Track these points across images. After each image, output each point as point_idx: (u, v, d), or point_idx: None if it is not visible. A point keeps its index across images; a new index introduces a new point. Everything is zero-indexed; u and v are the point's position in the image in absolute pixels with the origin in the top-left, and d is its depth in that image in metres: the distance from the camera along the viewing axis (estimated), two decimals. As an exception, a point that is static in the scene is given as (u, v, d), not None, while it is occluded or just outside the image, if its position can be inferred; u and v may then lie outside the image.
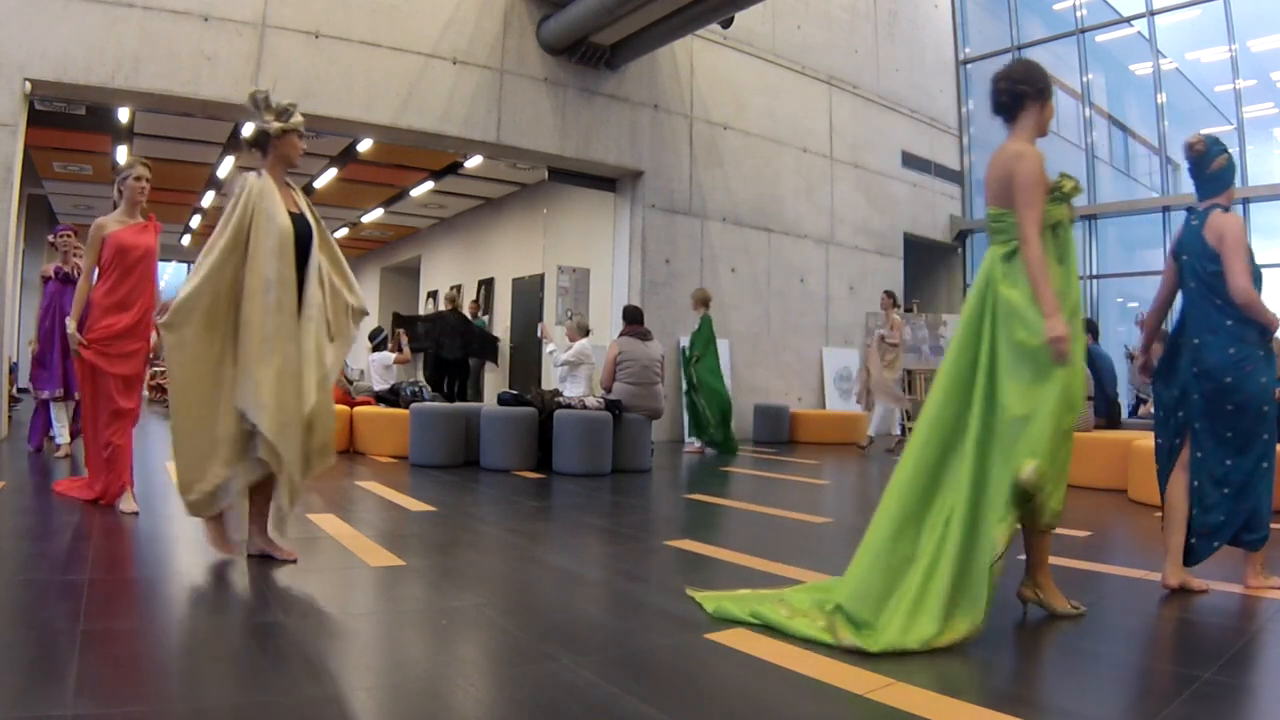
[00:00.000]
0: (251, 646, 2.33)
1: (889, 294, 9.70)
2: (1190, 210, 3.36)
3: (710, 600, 2.81)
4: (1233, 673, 2.39)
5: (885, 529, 2.63)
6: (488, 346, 10.15)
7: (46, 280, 6.38)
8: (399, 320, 11.45)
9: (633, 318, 7.54)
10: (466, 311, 12.44)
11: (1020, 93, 2.83)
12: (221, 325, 3.14)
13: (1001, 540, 2.54)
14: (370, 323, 14.59)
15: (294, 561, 3.25)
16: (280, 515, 3.21)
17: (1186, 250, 3.25)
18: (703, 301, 9.08)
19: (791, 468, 7.76)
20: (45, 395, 6.24)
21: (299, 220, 3.27)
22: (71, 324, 4.21)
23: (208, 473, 3.10)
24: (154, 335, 4.22)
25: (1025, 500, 2.62)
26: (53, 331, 6.22)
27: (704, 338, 9.01)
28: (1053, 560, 3.77)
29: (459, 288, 11.19)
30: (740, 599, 2.81)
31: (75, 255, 6.34)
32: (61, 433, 6.29)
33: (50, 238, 6.67)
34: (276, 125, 3.30)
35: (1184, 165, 3.45)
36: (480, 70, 9.00)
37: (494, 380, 13.12)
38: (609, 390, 7.17)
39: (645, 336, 7.39)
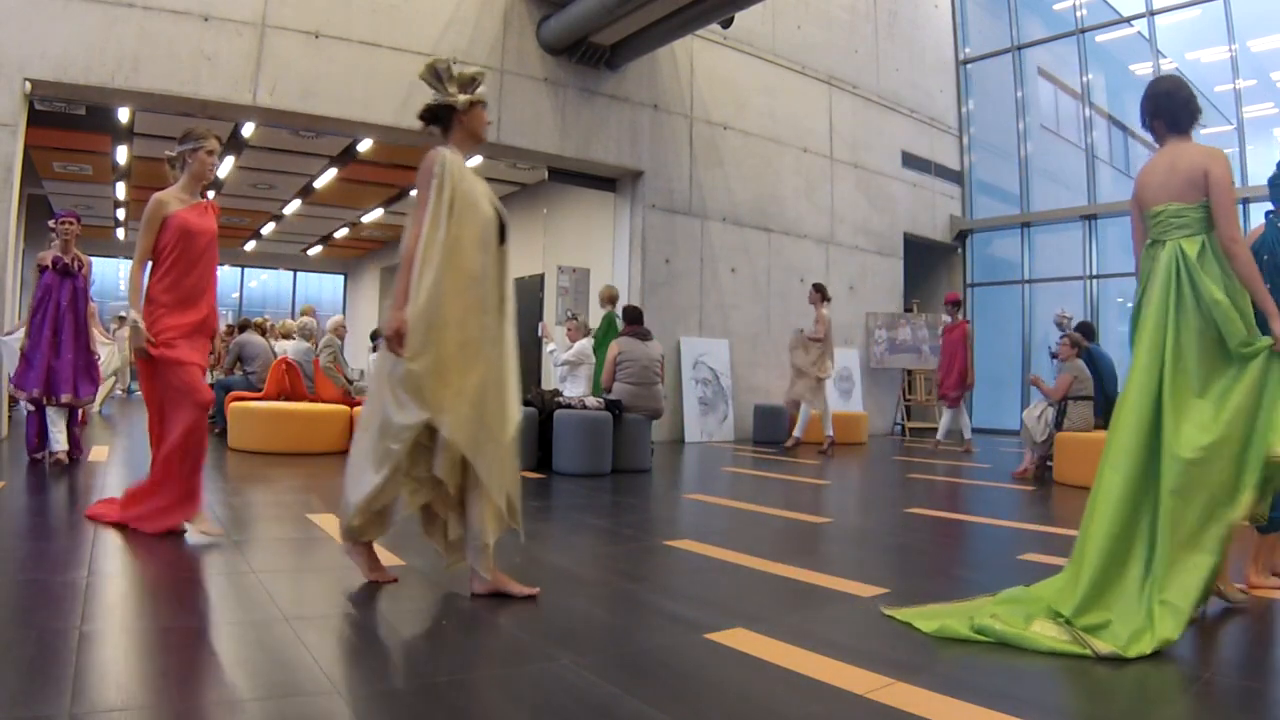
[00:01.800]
0: (252, 646, 2.33)
1: (817, 287, 9.35)
2: (1271, 211, 3.45)
3: (924, 619, 2.68)
4: (1234, 672, 2.39)
5: (1104, 539, 2.63)
6: None
7: (42, 270, 5.74)
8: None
9: (633, 318, 7.54)
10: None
11: (1197, 106, 2.98)
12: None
13: (1237, 524, 2.64)
14: (370, 323, 14.62)
15: (533, 597, 2.87)
16: (481, 549, 2.81)
17: (1269, 250, 3.30)
18: (609, 299, 9.06)
19: (791, 468, 7.76)
20: (24, 395, 5.61)
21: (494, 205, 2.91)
22: (136, 315, 3.61)
23: (380, 490, 2.78)
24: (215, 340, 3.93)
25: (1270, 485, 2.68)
26: (43, 327, 5.62)
27: (602, 338, 8.94)
28: (1052, 560, 3.78)
29: None
30: (950, 613, 2.73)
31: (76, 245, 5.84)
32: (57, 437, 5.62)
33: (50, 223, 5.97)
34: (463, 98, 2.96)
35: None
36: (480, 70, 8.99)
37: None
38: (609, 390, 7.17)
39: (645, 336, 7.39)
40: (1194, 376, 2.69)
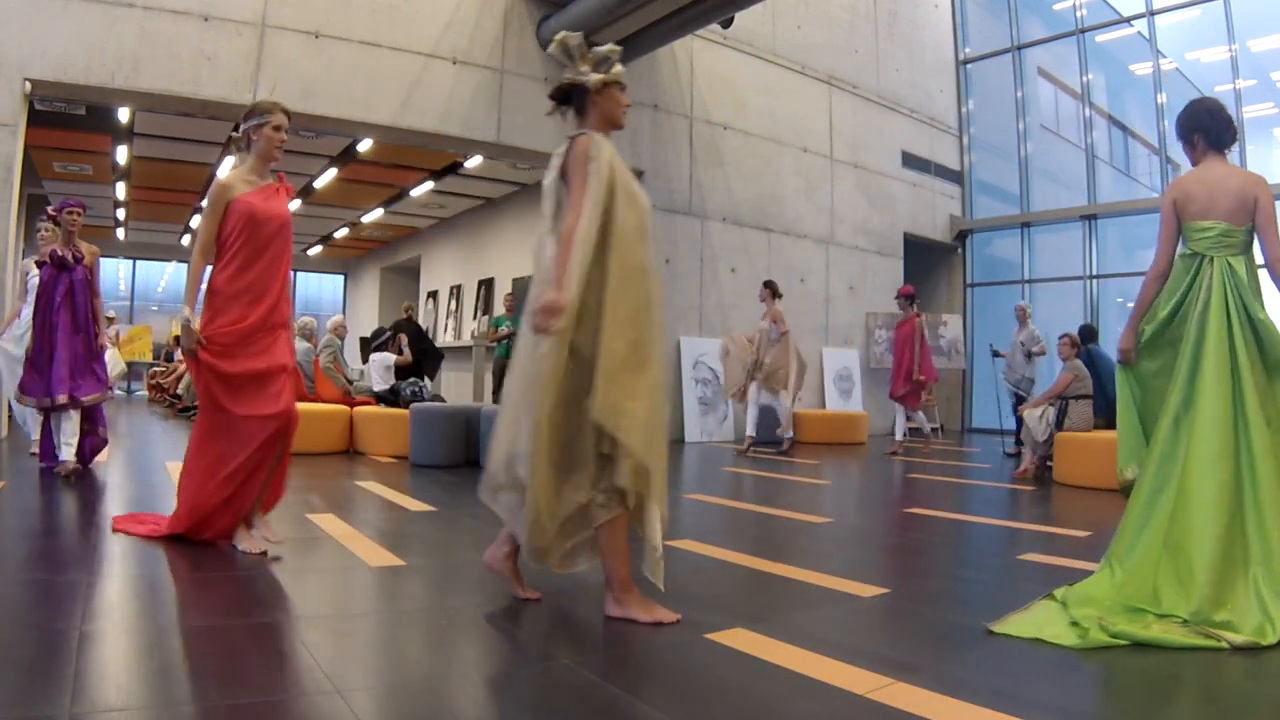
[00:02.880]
0: (252, 646, 2.33)
1: (767, 284, 9.13)
2: None
3: (1034, 630, 2.65)
4: (1233, 671, 2.39)
5: (1213, 542, 2.69)
6: (430, 358, 10.11)
7: (40, 265, 5.36)
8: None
9: None
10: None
11: (1236, 129, 3.08)
12: (591, 321, 2.57)
13: None
14: (370, 323, 14.57)
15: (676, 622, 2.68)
16: (655, 555, 2.67)
17: None
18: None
19: (791, 467, 7.76)
20: (32, 404, 5.24)
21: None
22: (188, 311, 3.31)
23: (561, 504, 2.61)
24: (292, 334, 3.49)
25: None
26: (44, 327, 5.26)
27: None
28: (1052, 560, 3.78)
29: (410, 306, 11.55)
30: (1049, 622, 2.72)
31: (77, 237, 5.46)
32: (69, 442, 5.21)
33: (51, 209, 5.50)
34: (596, 78, 2.77)
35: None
36: (480, 70, 9.00)
37: (457, 380, 13.08)
38: None
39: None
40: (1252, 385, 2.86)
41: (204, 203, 3.29)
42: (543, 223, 2.75)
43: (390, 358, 8.71)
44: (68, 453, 5.18)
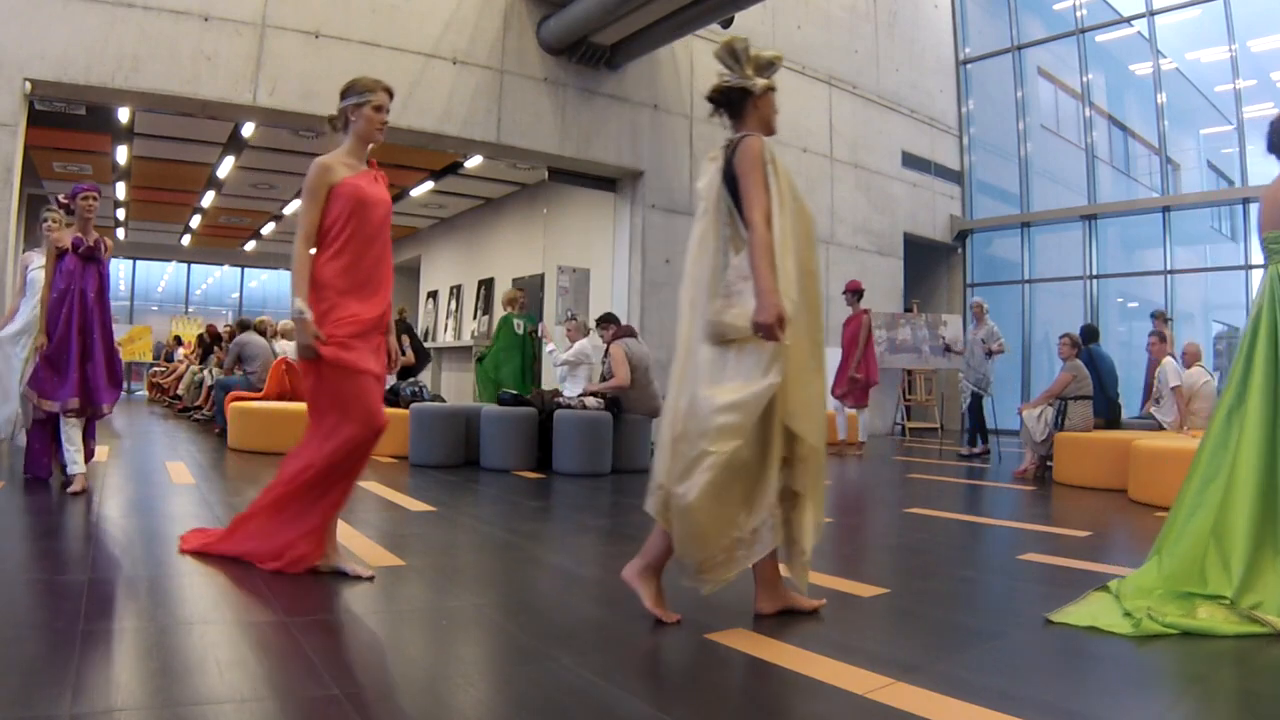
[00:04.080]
0: (252, 646, 2.33)
1: None
2: None
3: (1089, 619, 2.76)
4: (1234, 672, 2.39)
5: (1250, 525, 2.83)
6: (420, 360, 10.12)
7: (61, 255, 4.79)
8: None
9: (619, 321, 7.52)
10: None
11: None
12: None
13: None
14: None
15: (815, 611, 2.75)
16: (804, 560, 2.66)
17: None
18: (509, 302, 9.08)
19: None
20: (58, 407, 4.66)
21: None
22: (301, 304, 2.94)
23: (740, 517, 2.54)
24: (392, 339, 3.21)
25: None
26: (70, 323, 4.70)
27: (499, 339, 8.90)
28: (1052, 560, 3.78)
29: (404, 309, 11.59)
30: (1106, 611, 2.83)
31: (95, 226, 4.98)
32: (75, 458, 4.73)
33: (63, 197, 5.00)
34: (761, 82, 2.74)
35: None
36: (480, 70, 9.00)
37: (457, 380, 13.08)
38: (619, 387, 7.03)
39: (637, 337, 7.41)
40: None
41: (304, 187, 3.03)
42: (698, 223, 2.73)
43: (390, 358, 8.69)
44: (78, 465, 4.71)
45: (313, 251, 3.06)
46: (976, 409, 9.10)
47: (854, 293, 9.51)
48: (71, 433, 4.73)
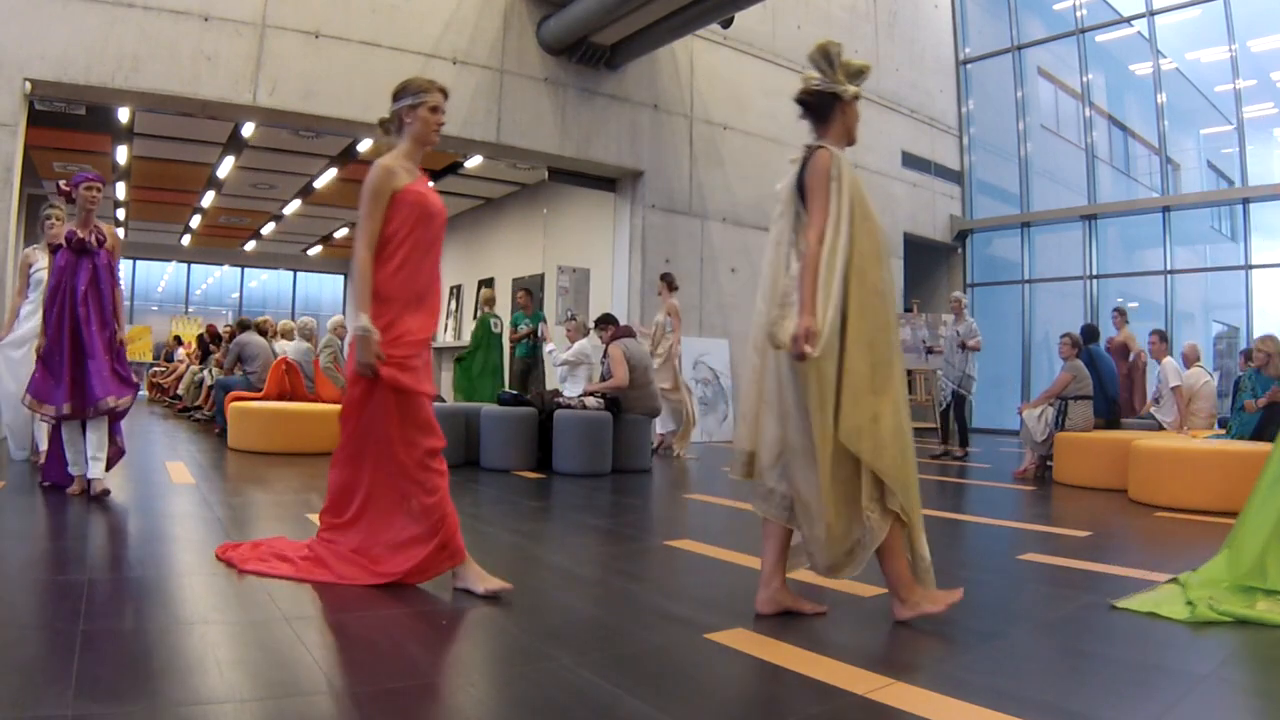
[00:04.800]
0: (252, 646, 2.33)
1: (664, 277, 8.76)
2: None
3: (1153, 606, 2.87)
4: (1233, 671, 2.39)
5: None
6: None
7: (55, 250, 4.52)
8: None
9: (618, 322, 7.52)
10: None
11: None
12: (834, 342, 2.56)
13: None
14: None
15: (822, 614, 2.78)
16: (925, 565, 2.72)
17: None
18: (487, 302, 9.19)
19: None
20: (53, 412, 4.43)
21: None
22: (368, 321, 2.81)
23: (851, 525, 2.62)
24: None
25: None
26: (62, 322, 4.41)
27: (476, 339, 8.97)
28: (1052, 560, 3.78)
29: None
30: (1169, 599, 2.93)
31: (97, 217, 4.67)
32: (92, 465, 4.40)
33: (64, 184, 4.64)
34: (852, 89, 2.74)
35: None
36: (480, 70, 9.00)
37: (450, 381, 13.10)
38: (619, 387, 7.03)
39: (635, 337, 7.41)
40: None
41: (364, 191, 2.90)
42: (774, 225, 2.78)
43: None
44: (96, 468, 4.40)
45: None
46: (959, 409, 8.85)
47: None
48: (90, 436, 4.43)
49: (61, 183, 4.65)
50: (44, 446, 4.85)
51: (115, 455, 4.65)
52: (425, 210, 2.92)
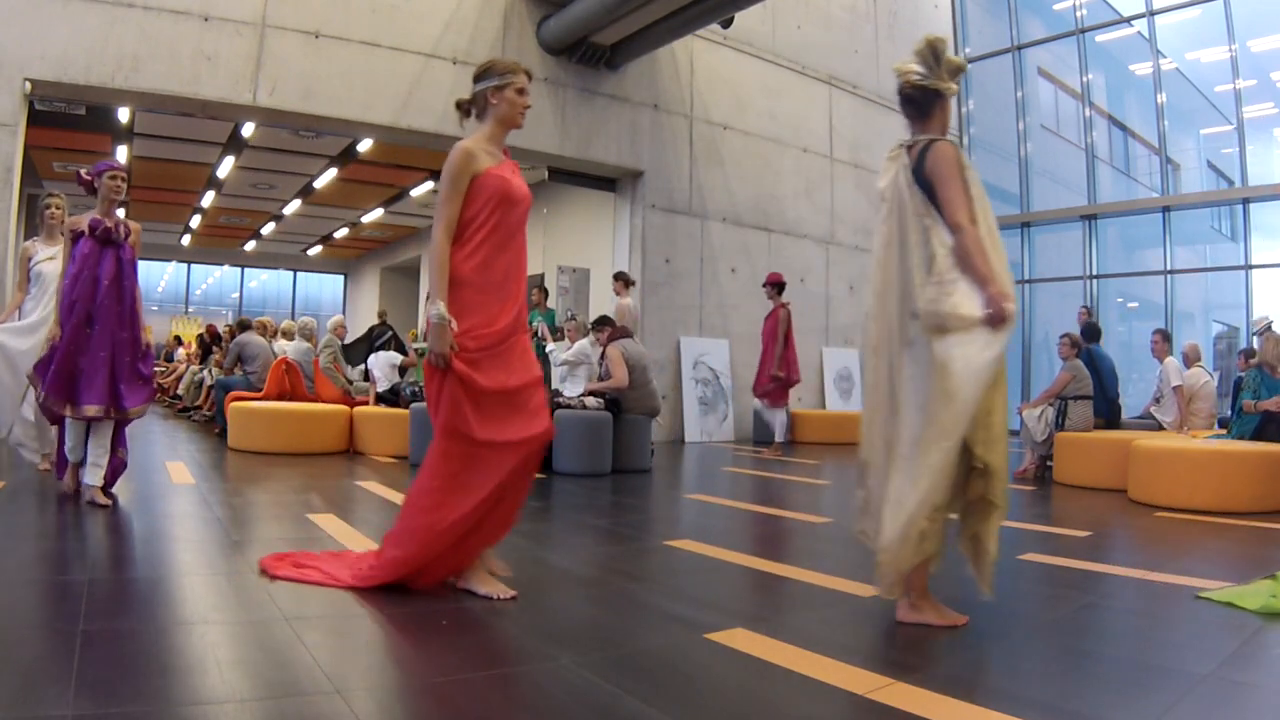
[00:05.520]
0: (252, 646, 2.33)
1: (618, 276, 8.64)
2: None
3: (1236, 599, 2.95)
4: (1233, 671, 2.39)
5: None
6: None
7: (77, 237, 4.24)
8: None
9: (614, 323, 7.51)
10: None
11: None
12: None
13: None
14: (370, 324, 14.57)
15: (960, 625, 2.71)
16: (989, 563, 2.69)
17: None
18: None
19: (791, 468, 7.76)
20: (66, 413, 4.16)
21: None
22: (443, 308, 2.70)
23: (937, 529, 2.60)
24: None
25: None
26: (82, 316, 4.14)
27: None
28: (1052, 560, 3.78)
29: (384, 311, 11.73)
30: (1253, 594, 2.99)
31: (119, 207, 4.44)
32: (92, 471, 4.18)
33: (85, 173, 4.40)
34: (953, 86, 2.79)
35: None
36: (480, 70, 9.00)
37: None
38: (619, 388, 7.03)
39: (633, 337, 7.43)
40: None
41: (444, 174, 2.80)
42: (882, 224, 2.78)
43: (396, 357, 8.70)
44: (95, 475, 4.18)
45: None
46: None
47: (774, 285, 8.98)
48: (92, 439, 4.20)
49: (83, 171, 4.43)
50: (47, 447, 4.76)
51: (119, 466, 4.37)
52: (508, 195, 2.82)
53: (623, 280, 8.65)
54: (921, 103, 2.79)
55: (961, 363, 2.50)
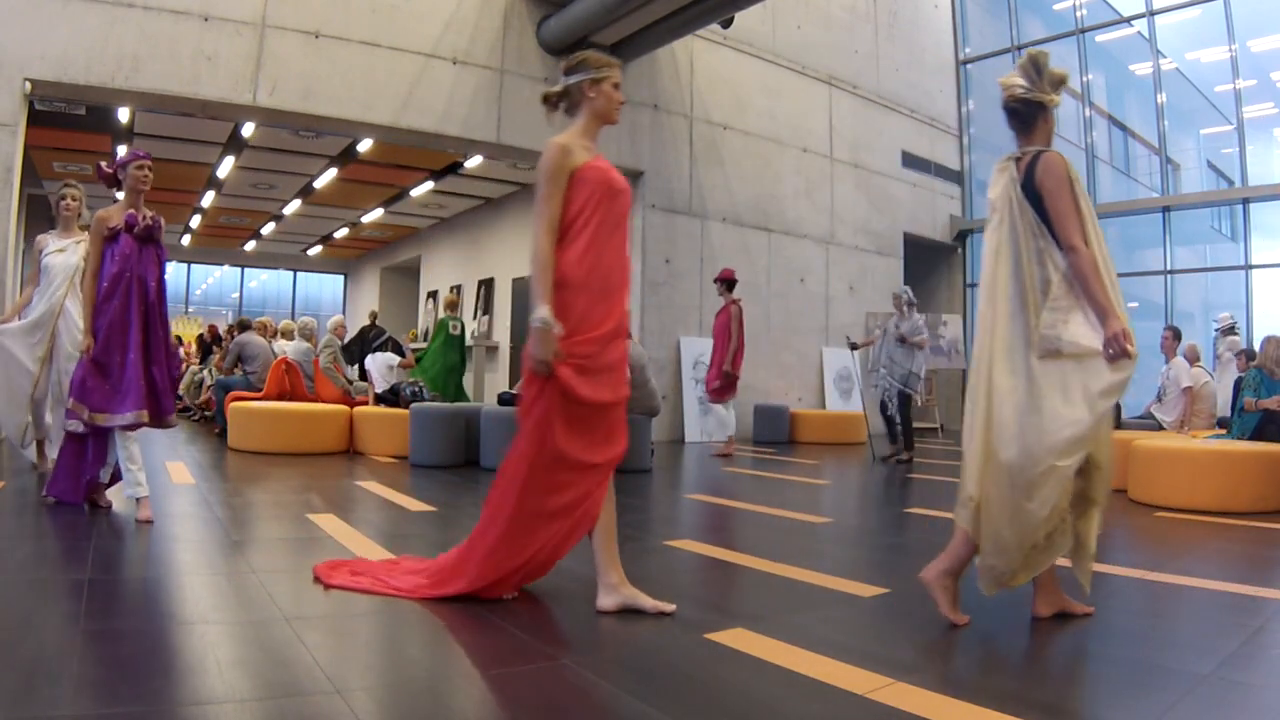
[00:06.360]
0: (251, 646, 2.33)
1: None
2: None
3: None
4: (1234, 671, 2.39)
5: None
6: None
7: (112, 237, 3.96)
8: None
9: None
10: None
11: None
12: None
13: None
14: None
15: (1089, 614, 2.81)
16: (1089, 558, 2.74)
17: None
18: (450, 305, 9.47)
19: (791, 468, 7.76)
20: (119, 422, 3.85)
21: None
22: (547, 313, 2.56)
23: (1043, 529, 2.63)
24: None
25: None
26: (128, 319, 3.88)
27: (434, 340, 9.28)
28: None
29: (374, 312, 11.83)
30: None
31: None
32: (139, 478, 3.92)
33: (107, 166, 4.19)
34: (1055, 99, 2.86)
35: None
36: (480, 70, 9.00)
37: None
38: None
39: (631, 337, 7.43)
40: None
41: (538, 171, 2.71)
42: (992, 234, 2.82)
43: (394, 358, 8.71)
44: (138, 486, 3.90)
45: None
46: (904, 409, 8.31)
47: (724, 282, 8.83)
48: (133, 448, 3.93)
49: (103, 163, 4.25)
50: (31, 456, 4.61)
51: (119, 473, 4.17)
52: (609, 187, 2.72)
53: None
54: (1025, 115, 2.85)
55: (1080, 391, 2.57)
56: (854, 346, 8.77)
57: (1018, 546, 2.61)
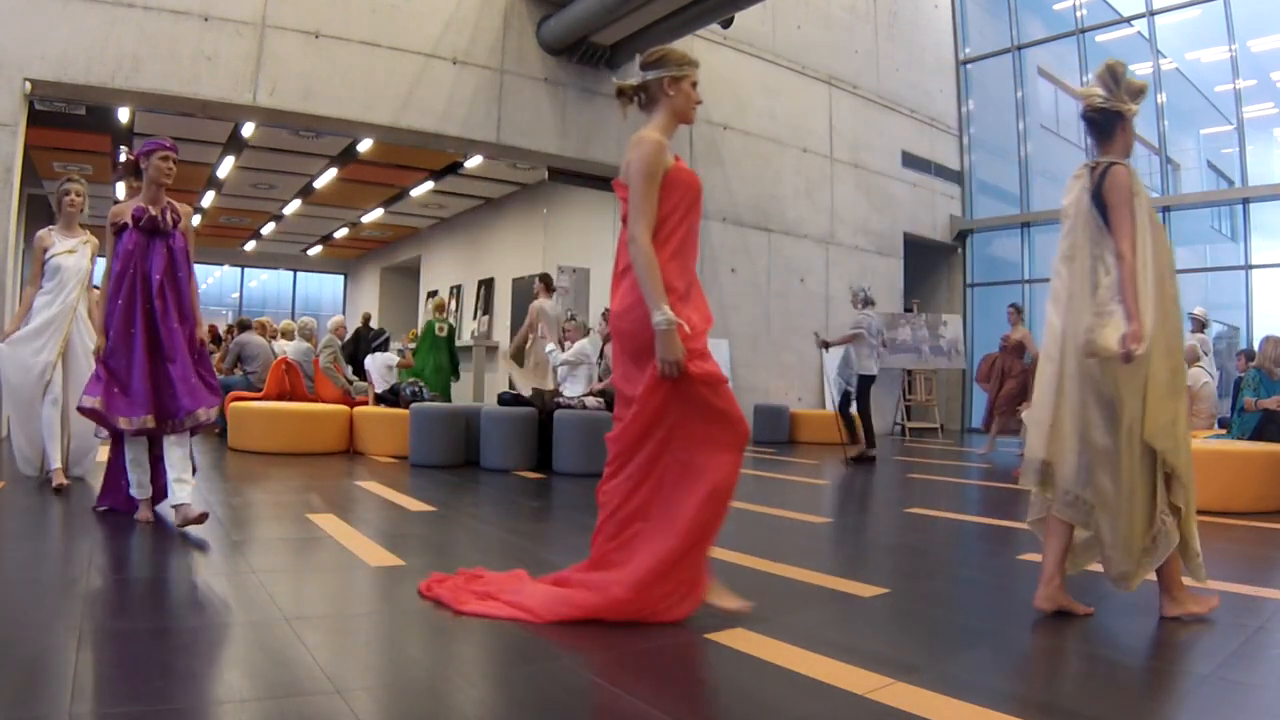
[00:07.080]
0: (251, 646, 2.33)
1: (541, 278, 8.51)
2: None
3: None
4: (1234, 671, 2.39)
5: None
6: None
7: (120, 230, 3.79)
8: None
9: None
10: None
11: None
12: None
13: None
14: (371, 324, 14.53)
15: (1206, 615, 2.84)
16: (1198, 559, 2.82)
17: None
18: (439, 307, 9.82)
19: (791, 468, 7.76)
20: (128, 426, 3.70)
21: None
22: (667, 310, 2.49)
23: (1150, 528, 2.73)
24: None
25: None
26: (133, 316, 3.72)
27: (422, 341, 9.51)
28: (1053, 560, 3.77)
29: (368, 315, 11.90)
30: None
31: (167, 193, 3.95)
32: (178, 488, 3.70)
33: (129, 155, 4.10)
34: (1133, 108, 2.86)
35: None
36: (480, 70, 9.00)
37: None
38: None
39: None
40: None
41: (635, 168, 2.63)
42: (1064, 240, 2.89)
43: (393, 358, 8.72)
44: (183, 491, 3.67)
45: None
46: (863, 405, 8.24)
47: None
48: (173, 453, 3.73)
49: (123, 151, 4.09)
50: (56, 463, 4.52)
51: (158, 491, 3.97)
52: (697, 191, 2.70)
53: (545, 283, 8.49)
54: (1103, 124, 2.89)
55: (1112, 386, 2.71)
56: (825, 345, 8.68)
57: (1126, 541, 2.72)
